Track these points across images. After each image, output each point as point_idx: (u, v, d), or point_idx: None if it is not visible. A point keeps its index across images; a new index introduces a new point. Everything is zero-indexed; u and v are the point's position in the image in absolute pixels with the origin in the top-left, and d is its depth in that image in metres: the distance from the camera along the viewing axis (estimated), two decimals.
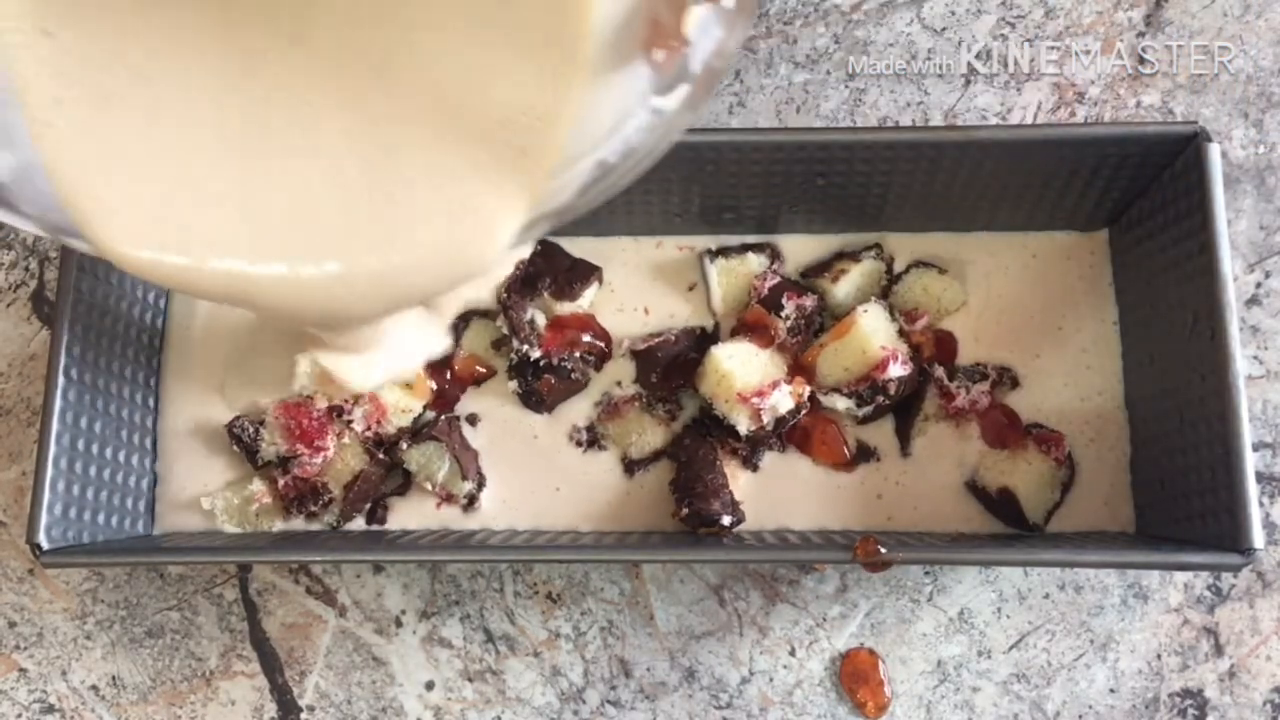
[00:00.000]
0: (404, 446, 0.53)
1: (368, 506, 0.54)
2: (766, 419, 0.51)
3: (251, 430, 0.53)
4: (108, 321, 0.52)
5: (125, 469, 0.53)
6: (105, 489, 0.52)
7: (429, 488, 0.53)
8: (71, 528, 0.49)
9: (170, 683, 0.55)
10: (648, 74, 0.34)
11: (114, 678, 0.55)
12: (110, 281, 0.53)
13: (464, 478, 0.52)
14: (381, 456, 0.53)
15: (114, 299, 0.53)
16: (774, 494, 0.53)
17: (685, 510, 0.51)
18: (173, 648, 0.55)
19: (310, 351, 0.51)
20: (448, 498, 0.53)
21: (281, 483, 0.53)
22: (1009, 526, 0.52)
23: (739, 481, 0.53)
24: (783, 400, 0.51)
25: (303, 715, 0.54)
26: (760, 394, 0.51)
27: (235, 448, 0.54)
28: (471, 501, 0.53)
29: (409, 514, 0.54)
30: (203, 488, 0.54)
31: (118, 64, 0.35)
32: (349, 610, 0.55)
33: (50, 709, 0.55)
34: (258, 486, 0.53)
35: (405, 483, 0.54)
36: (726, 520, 0.50)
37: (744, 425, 0.51)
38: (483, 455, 0.54)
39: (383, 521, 0.54)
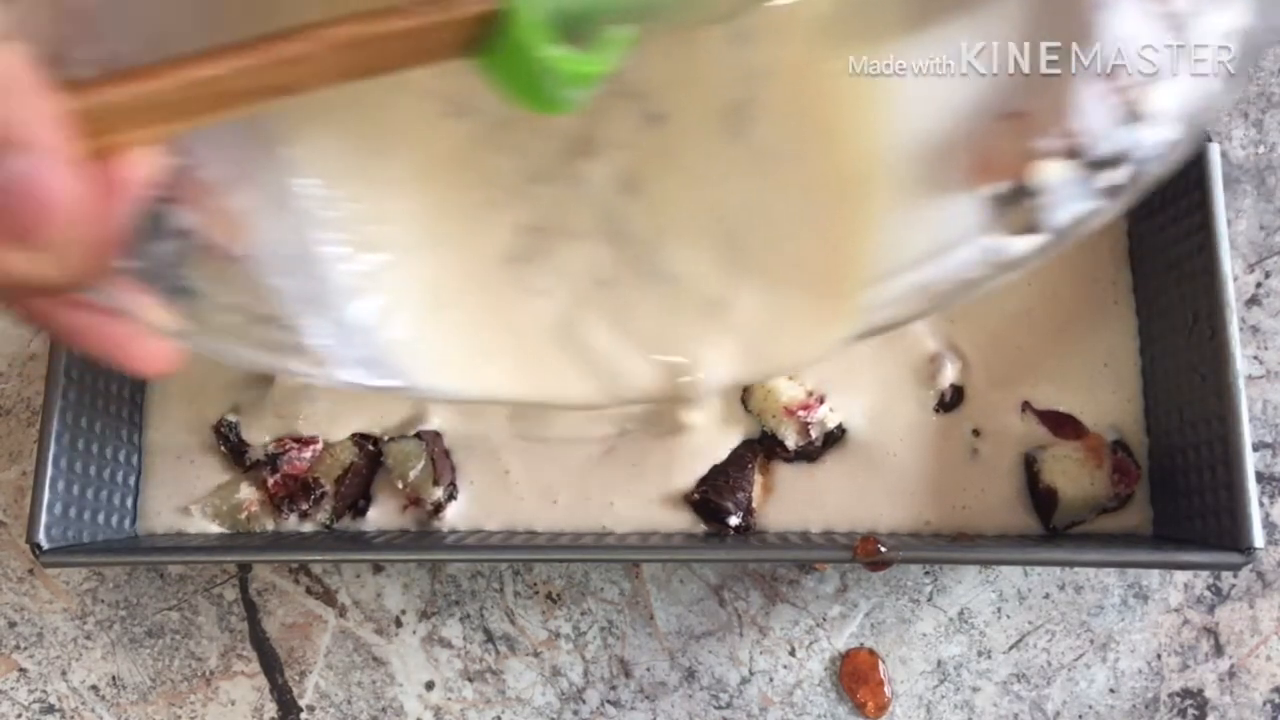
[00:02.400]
0: (385, 440, 0.53)
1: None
2: (815, 434, 0.51)
3: (239, 429, 0.53)
4: None
5: (126, 469, 0.53)
6: (106, 489, 0.52)
7: (400, 485, 0.52)
8: (71, 527, 0.49)
9: (170, 683, 0.55)
10: (977, 208, 0.32)
11: (114, 678, 0.55)
12: None
13: (436, 483, 0.52)
14: (371, 448, 0.53)
15: None
16: (836, 493, 0.53)
17: (698, 495, 0.51)
18: (173, 648, 0.55)
19: None
20: (415, 501, 0.53)
21: (271, 481, 0.52)
22: (1033, 513, 0.51)
23: (782, 476, 0.53)
24: (830, 415, 0.51)
25: (303, 715, 0.54)
26: (806, 407, 0.51)
27: (223, 448, 0.54)
28: (438, 509, 0.53)
29: (373, 512, 0.54)
30: (197, 489, 0.54)
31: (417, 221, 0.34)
32: (349, 610, 0.55)
33: (50, 709, 0.55)
34: (245, 494, 0.53)
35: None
36: (734, 520, 0.50)
37: (791, 440, 0.51)
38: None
39: (364, 513, 0.53)
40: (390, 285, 0.33)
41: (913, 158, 0.33)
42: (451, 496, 0.53)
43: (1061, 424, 0.52)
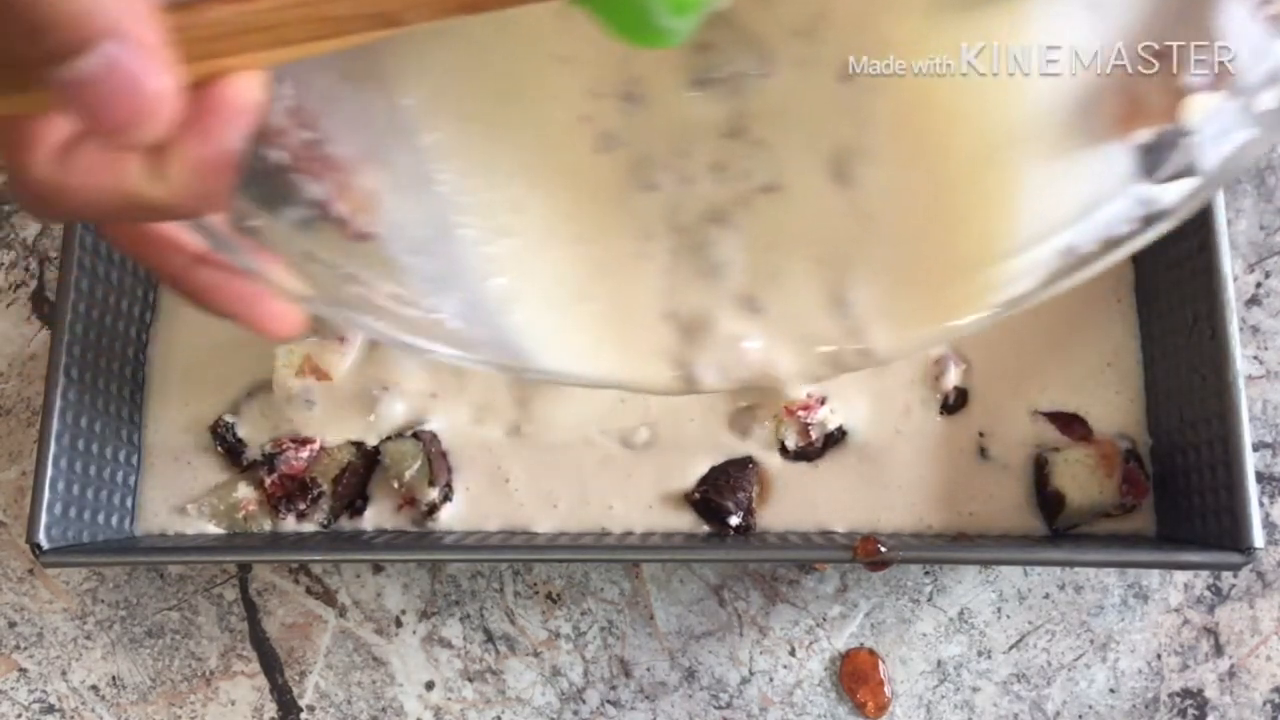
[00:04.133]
0: (382, 439, 0.53)
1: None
2: (815, 434, 0.51)
3: (236, 430, 0.53)
4: (108, 321, 0.53)
5: (126, 469, 0.53)
6: (105, 489, 0.52)
7: (395, 485, 0.52)
8: (71, 527, 0.49)
9: (170, 683, 0.55)
10: (1129, 156, 0.31)
11: (114, 678, 0.55)
12: (110, 281, 0.53)
13: (431, 483, 0.52)
14: (368, 448, 0.53)
15: (114, 299, 0.53)
16: (836, 494, 0.52)
17: (698, 495, 0.51)
18: (173, 648, 0.55)
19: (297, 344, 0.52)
20: (410, 501, 0.53)
21: (269, 481, 0.52)
22: (1038, 514, 0.51)
23: (783, 476, 0.53)
24: (831, 416, 0.51)
25: (303, 715, 0.54)
26: (806, 408, 0.51)
27: (220, 449, 0.54)
28: (432, 510, 0.52)
29: (370, 512, 0.54)
30: (195, 489, 0.54)
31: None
32: (349, 610, 0.55)
33: (50, 709, 0.55)
34: (244, 493, 0.53)
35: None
36: (734, 520, 0.50)
37: (792, 440, 0.51)
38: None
39: (361, 513, 0.53)
40: (523, 271, 0.33)
41: (1054, 117, 0.31)
42: (446, 498, 0.53)
43: (1069, 424, 0.52)
